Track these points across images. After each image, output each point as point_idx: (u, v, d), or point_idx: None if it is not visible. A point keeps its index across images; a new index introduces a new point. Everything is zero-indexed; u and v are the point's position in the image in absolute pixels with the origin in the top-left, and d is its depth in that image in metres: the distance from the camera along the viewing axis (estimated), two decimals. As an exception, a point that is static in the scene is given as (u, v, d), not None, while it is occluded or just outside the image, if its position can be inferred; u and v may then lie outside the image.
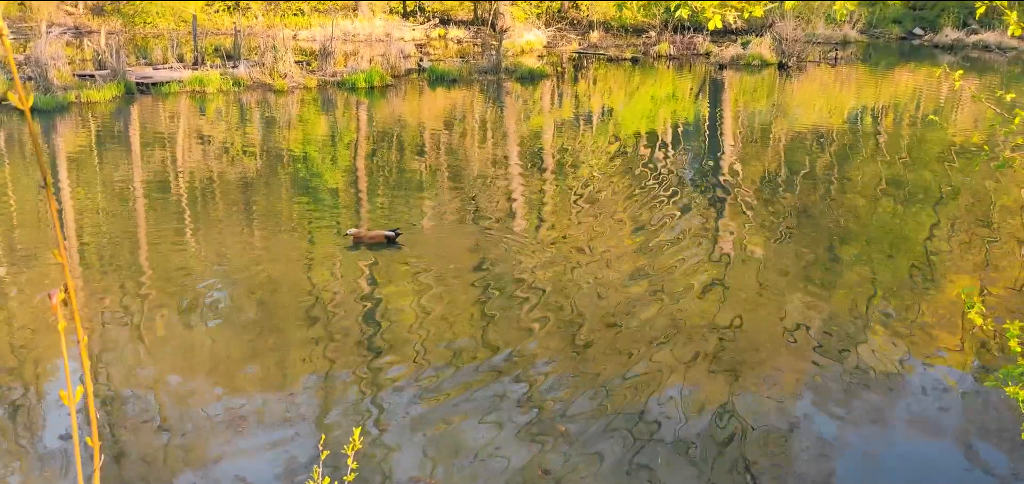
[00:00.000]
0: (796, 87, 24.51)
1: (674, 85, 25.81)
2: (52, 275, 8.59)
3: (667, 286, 8.51)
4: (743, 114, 20.04)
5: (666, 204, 11.70)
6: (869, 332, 7.52)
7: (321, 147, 15.73)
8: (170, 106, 19.25)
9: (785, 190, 12.58)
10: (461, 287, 8.45)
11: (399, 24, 36.37)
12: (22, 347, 6.98)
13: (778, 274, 8.89)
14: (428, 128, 17.71)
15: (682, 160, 15.03)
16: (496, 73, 24.66)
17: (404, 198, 11.92)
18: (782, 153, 15.36)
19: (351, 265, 9.01)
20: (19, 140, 15.53)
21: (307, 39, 31.72)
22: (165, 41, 26.35)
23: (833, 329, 7.57)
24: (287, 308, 7.87)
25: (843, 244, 10.02)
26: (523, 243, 9.89)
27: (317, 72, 22.97)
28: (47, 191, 1.27)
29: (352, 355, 6.94)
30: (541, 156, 15.25)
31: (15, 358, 6.78)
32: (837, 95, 23.23)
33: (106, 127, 17.07)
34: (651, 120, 19.62)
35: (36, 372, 6.63)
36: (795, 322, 7.68)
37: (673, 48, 31.64)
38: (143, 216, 10.89)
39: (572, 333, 7.42)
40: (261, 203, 11.60)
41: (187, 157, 14.45)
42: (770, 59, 28.25)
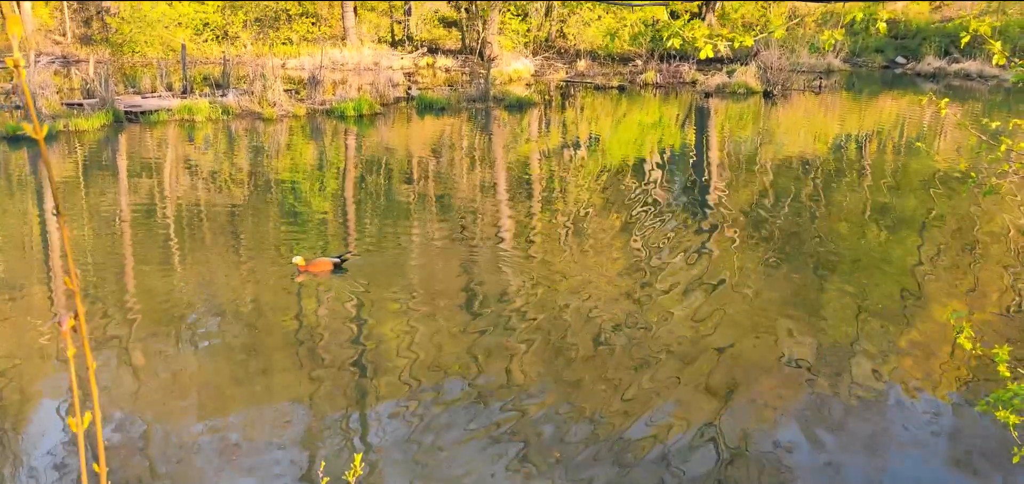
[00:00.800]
0: (781, 115, 24.74)
1: (661, 113, 26.00)
2: (38, 304, 8.56)
3: (656, 312, 8.55)
4: (729, 141, 20.21)
5: (654, 230, 11.77)
6: (858, 357, 7.57)
7: (309, 175, 15.75)
8: (158, 134, 19.24)
9: (772, 216, 12.68)
10: (450, 313, 8.47)
11: (388, 53, 36.57)
12: (5, 375, 6.94)
13: (766, 300, 8.95)
14: (417, 156, 17.77)
15: (669, 187, 15.14)
16: (484, 101, 24.79)
17: (392, 225, 11.94)
18: (768, 180, 15.49)
19: (339, 291, 9.01)
20: (6, 170, 15.49)
21: (296, 68, 31.83)
22: (154, 70, 26.38)
23: (822, 354, 7.62)
24: (274, 334, 7.85)
25: (830, 269, 10.10)
26: (512, 269, 9.92)
27: (306, 100, 23.03)
28: (60, 218, 1.30)
29: (340, 381, 6.93)
30: (529, 183, 15.32)
31: (13, 387, 6.74)
32: (821, 123, 23.46)
33: (94, 155, 17.04)
34: (638, 148, 19.76)
35: (21, 401, 6.58)
36: (784, 347, 7.73)
37: (659, 77, 31.91)
38: (130, 243, 10.86)
39: (562, 359, 7.44)
40: (248, 230, 11.60)
41: (175, 185, 14.44)
42: (755, 87, 28.53)
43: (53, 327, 7.86)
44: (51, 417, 6.35)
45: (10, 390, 6.72)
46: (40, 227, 11.91)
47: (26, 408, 6.49)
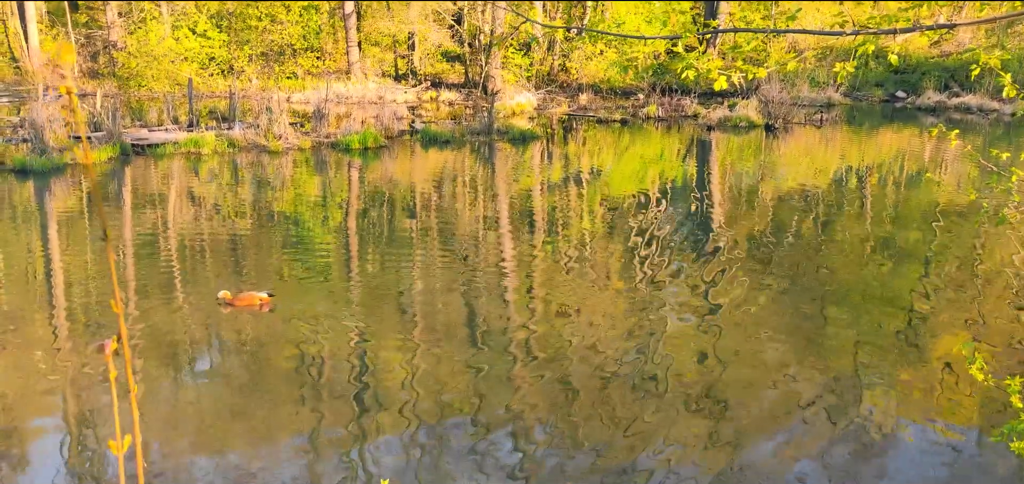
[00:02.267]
0: (782, 148, 24.88)
1: (662, 146, 26.16)
2: (38, 336, 8.58)
3: (658, 345, 8.59)
4: (731, 174, 20.32)
5: (656, 264, 11.83)
6: (865, 390, 7.59)
7: (313, 207, 15.85)
8: (164, 167, 19.39)
9: (774, 249, 12.73)
10: (452, 346, 8.50)
11: (392, 87, 36.85)
12: (4, 408, 6.97)
13: (769, 333, 8.98)
14: (420, 188, 17.88)
15: (671, 220, 15.21)
16: (488, 134, 24.96)
17: (394, 257, 12.01)
18: (770, 213, 15.57)
19: (340, 322, 9.06)
20: (10, 202, 15.60)
21: (301, 101, 32.07)
22: (160, 103, 26.61)
23: (828, 388, 7.64)
24: (276, 366, 7.88)
25: (834, 302, 10.14)
26: (514, 302, 9.97)
27: (311, 134, 23.20)
28: (107, 244, 1.37)
29: (342, 415, 6.95)
30: (532, 216, 15.40)
31: (11, 420, 6.77)
32: (823, 156, 23.59)
33: (100, 188, 17.16)
34: (640, 180, 19.87)
35: (20, 432, 6.61)
36: (788, 381, 7.75)
37: (661, 110, 32.12)
38: (132, 275, 10.92)
39: (563, 392, 7.46)
40: (251, 261, 11.66)
41: (179, 216, 14.53)
42: (757, 120, 28.72)
43: (89, 354, 7.91)
44: (52, 449, 6.36)
45: (9, 421, 6.75)
46: (44, 259, 11.98)
47: (25, 440, 6.51)
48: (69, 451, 6.33)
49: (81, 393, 7.25)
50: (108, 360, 1.40)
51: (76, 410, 6.99)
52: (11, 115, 25.05)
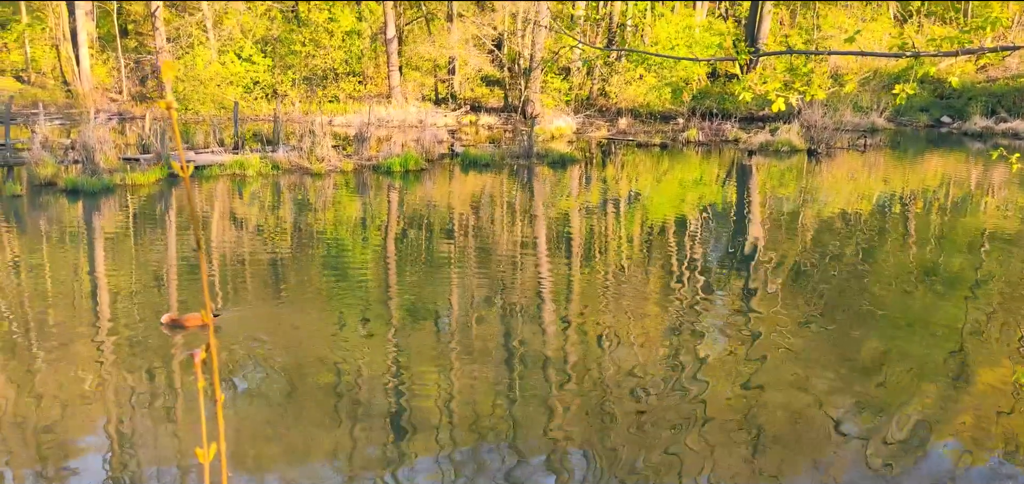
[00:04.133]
0: (825, 173, 24.64)
1: (702, 170, 26.05)
2: (84, 352, 8.76)
3: (696, 371, 8.53)
4: (772, 199, 20.17)
5: (695, 288, 11.77)
6: (912, 420, 7.45)
7: (353, 228, 16.04)
8: (209, 188, 19.79)
9: (815, 276, 12.60)
10: (488, 367, 8.52)
11: (432, 111, 37.22)
12: (50, 426, 7.14)
13: (811, 360, 8.88)
14: (459, 211, 18.01)
15: (710, 244, 15.13)
16: (527, 158, 25.09)
17: (432, 278, 12.09)
18: (812, 238, 15.41)
19: (378, 342, 9.14)
20: (58, 221, 16.02)
21: (343, 125, 32.55)
22: (207, 126, 27.19)
23: (873, 417, 7.51)
24: (312, 386, 7.96)
25: (878, 330, 9.99)
26: (551, 325, 9.98)
27: (353, 156, 23.53)
28: (200, 254, 1.45)
29: (378, 434, 6.99)
30: (569, 239, 15.42)
31: (51, 436, 6.93)
32: (866, 181, 23.30)
33: (147, 208, 17.56)
34: (679, 205, 19.80)
35: (66, 450, 6.76)
36: (831, 409, 7.64)
37: (701, 134, 32.01)
38: (175, 294, 11.14)
39: (600, 417, 7.44)
40: (291, 282, 11.83)
41: (222, 237, 14.80)
42: (799, 145, 28.48)
43: (182, 362, 8.09)
44: (96, 467, 6.50)
45: (55, 439, 6.91)
46: (90, 277, 12.27)
47: (71, 457, 6.66)
48: (112, 467, 6.46)
49: (126, 409, 7.40)
50: (197, 369, 1.48)
51: (121, 426, 7.14)
52: (63, 137, 25.76)
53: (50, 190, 18.55)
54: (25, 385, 7.86)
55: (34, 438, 6.81)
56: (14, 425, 7.03)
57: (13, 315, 9.92)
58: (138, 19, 46.98)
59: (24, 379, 8.01)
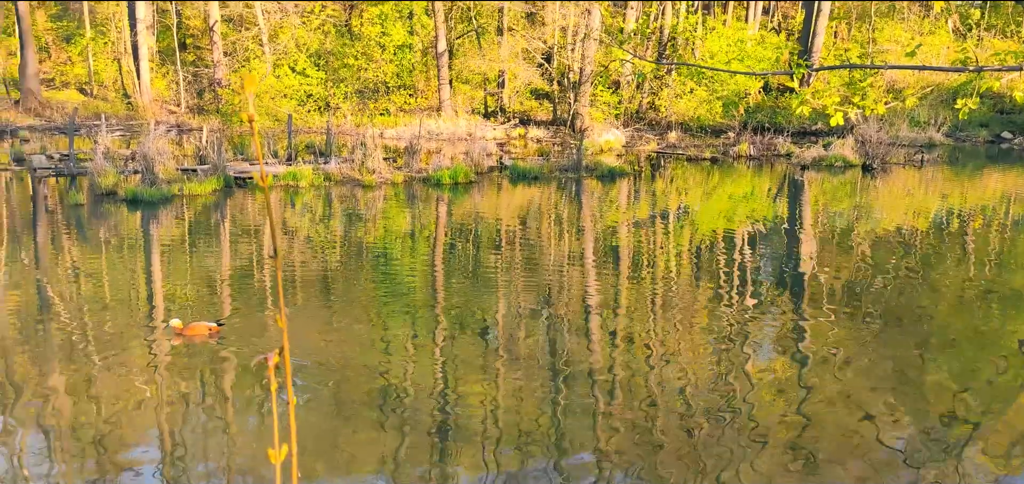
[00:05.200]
0: (880, 189, 24.17)
1: (753, 185, 25.75)
2: (139, 359, 8.95)
3: (746, 387, 8.43)
4: (824, 215, 19.85)
5: (745, 305, 11.63)
6: (968, 442, 7.26)
7: (402, 239, 16.20)
8: (263, 199, 20.14)
9: (869, 292, 12.35)
10: (534, 381, 8.51)
11: (481, 124, 37.43)
12: (113, 428, 7.32)
13: (864, 379, 8.71)
14: (507, 223, 18.07)
15: (761, 260, 14.94)
16: (576, 171, 25.08)
17: (480, 289, 12.14)
18: (865, 255, 15.12)
19: (424, 352, 9.21)
20: (118, 230, 16.47)
21: (393, 138, 32.90)
22: (261, 138, 27.73)
23: (928, 438, 7.33)
24: (359, 393, 8.04)
25: (933, 350, 9.76)
26: (598, 339, 9.95)
27: (403, 168, 23.78)
28: (276, 261, 1.50)
29: (423, 444, 7.02)
30: (617, 252, 15.36)
31: (108, 441, 7.12)
32: (923, 198, 22.80)
33: (204, 218, 17.95)
34: (729, 219, 19.60)
35: (122, 455, 6.93)
36: (885, 430, 7.47)
37: (753, 148, 31.64)
38: (228, 299, 11.36)
39: (648, 434, 7.37)
40: (340, 291, 11.98)
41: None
42: (853, 160, 27.99)
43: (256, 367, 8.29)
44: (150, 471, 6.65)
45: (111, 443, 7.08)
46: (146, 285, 12.58)
47: (126, 462, 6.82)
48: (166, 471, 6.60)
49: (175, 411, 7.57)
50: (271, 373, 1.53)
51: (176, 430, 7.30)
52: (123, 148, 26.49)
53: (111, 199, 19.08)
54: (82, 389, 8.09)
55: (91, 442, 7.01)
56: (72, 429, 7.24)
57: (73, 320, 10.22)
58: (197, 33, 48.17)
59: (81, 383, 8.24)
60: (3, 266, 13.35)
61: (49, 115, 38.69)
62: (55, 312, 10.60)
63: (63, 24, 50.23)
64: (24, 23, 40.68)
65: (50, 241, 15.43)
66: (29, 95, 40.80)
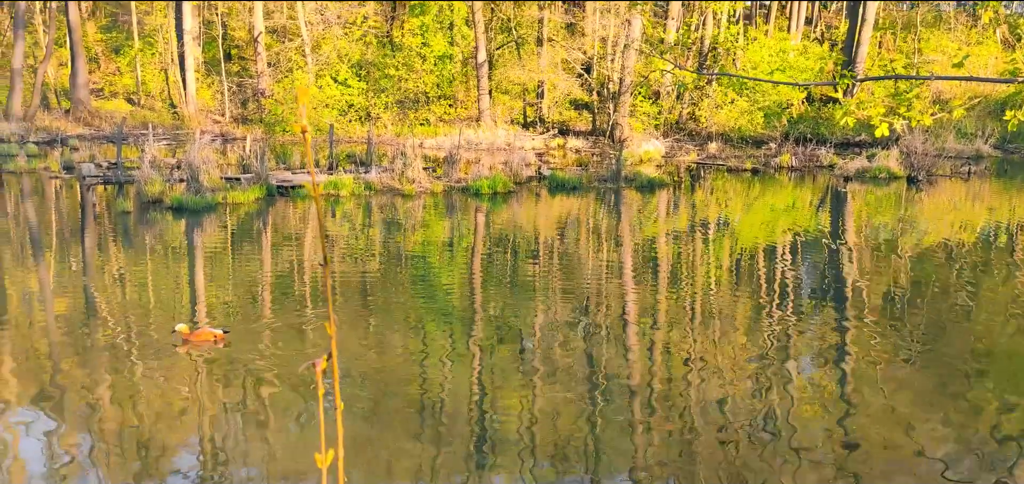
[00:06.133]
0: (926, 201, 23.73)
1: (795, 196, 25.44)
2: (181, 365, 9.09)
3: (786, 402, 8.31)
4: (868, 227, 19.54)
5: (786, 318, 11.48)
6: (1016, 463, 7.09)
7: (441, 248, 16.28)
8: (304, 207, 20.41)
9: (914, 307, 12.12)
10: (571, 391, 8.47)
11: (520, 134, 37.50)
12: (155, 431, 7.45)
13: (908, 396, 8.54)
14: (545, 233, 18.06)
15: (803, 273, 14.75)
16: (615, 181, 25.01)
17: (517, 299, 12.13)
18: (911, 268, 14.85)
19: (460, 361, 9.23)
20: (163, 237, 16.78)
21: (433, 147, 33.11)
22: (303, 148, 28.08)
23: (975, 458, 7.16)
24: (397, 401, 8.08)
25: (982, 366, 9.54)
26: (636, 350, 9.89)
27: (443, 178, 23.92)
28: (325, 269, 1.53)
29: (459, 453, 7.02)
30: (656, 264, 15.27)
31: (149, 445, 7.24)
32: (969, 210, 22.33)
33: (246, 226, 18.22)
34: (770, 231, 19.38)
35: (163, 456, 7.05)
36: (930, 448, 7.32)
37: (795, 160, 31.29)
38: (268, 305, 11.50)
39: (686, 448, 7.30)
40: (379, 299, 12.06)
41: (314, 255, 15.21)
42: (898, 172, 27.54)
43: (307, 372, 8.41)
44: (193, 476, 6.75)
45: (153, 448, 7.21)
46: (189, 292, 12.80)
47: (167, 468, 6.93)
48: (207, 476, 6.70)
49: (216, 416, 7.68)
50: (318, 377, 1.56)
51: (216, 436, 7.41)
52: (169, 157, 27.00)
53: (157, 207, 19.46)
54: (125, 394, 8.25)
55: (133, 445, 7.14)
56: (115, 433, 7.38)
57: (117, 325, 10.43)
58: (241, 44, 48.97)
59: (125, 388, 8.40)
60: (52, 271, 13.68)
61: (98, 124, 39.61)
62: (101, 317, 10.83)
63: (112, 35, 51.43)
64: (75, 35, 41.73)
65: (97, 247, 15.77)
66: (79, 105, 41.82)
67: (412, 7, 42.98)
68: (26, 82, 41.33)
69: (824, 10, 58.80)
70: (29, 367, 8.96)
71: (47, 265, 14.15)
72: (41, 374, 8.76)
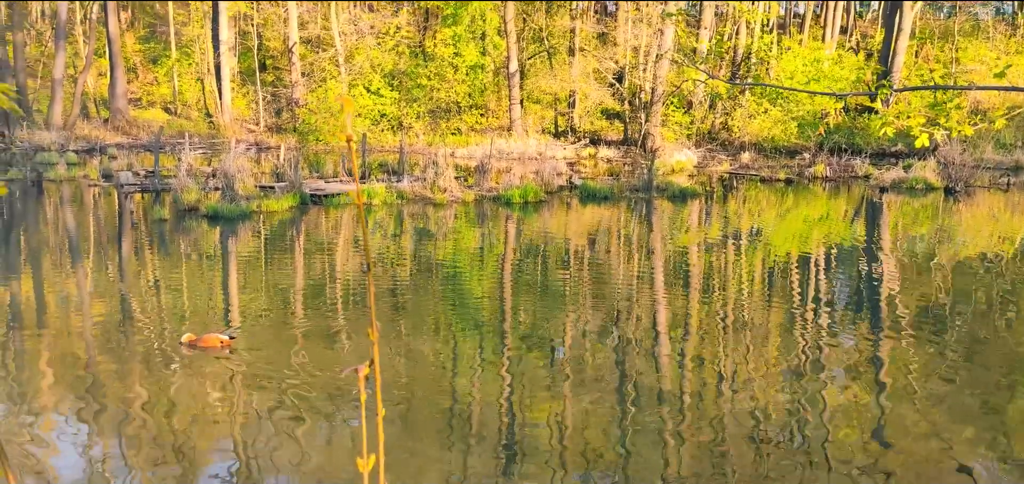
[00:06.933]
0: (964, 212, 23.34)
1: (829, 207, 25.15)
2: (213, 370, 9.19)
3: (820, 415, 8.20)
4: (904, 238, 19.25)
5: (820, 330, 11.34)
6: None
7: (473, 257, 16.31)
8: (337, 215, 20.59)
9: (952, 320, 11.91)
10: (601, 401, 8.43)
11: (551, 143, 37.50)
12: (182, 442, 7.53)
13: (945, 410, 8.39)
14: (576, 242, 18.03)
15: (837, 284, 14.56)
16: (647, 191, 24.92)
17: (548, 308, 12.12)
18: (948, 281, 14.60)
19: (492, 370, 9.23)
20: (198, 244, 17.00)
21: (464, 157, 33.21)
22: (336, 157, 28.33)
23: (1012, 475, 7.03)
24: (427, 409, 8.10)
25: (1019, 380, 9.36)
26: (667, 360, 9.81)
27: (474, 187, 23.99)
28: (369, 275, 1.55)
29: (489, 461, 7.01)
30: (688, 273, 15.16)
31: (182, 451, 7.32)
32: (1008, 222, 21.92)
33: (280, 233, 18.40)
34: (804, 242, 19.17)
35: (196, 462, 7.12)
36: (967, 464, 7.20)
37: (829, 170, 30.95)
38: (301, 314, 11.59)
39: (719, 460, 7.23)
40: (410, 307, 12.11)
41: (346, 263, 15.32)
42: (935, 183, 27.13)
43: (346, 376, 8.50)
44: (228, 480, 6.82)
45: (187, 451, 7.29)
46: (223, 298, 12.94)
47: (200, 475, 7.01)
48: (242, 478, 6.76)
49: (249, 421, 7.74)
50: (361, 384, 1.58)
51: (249, 442, 7.47)
52: (205, 165, 27.38)
53: (193, 215, 19.73)
54: (160, 398, 8.36)
55: (166, 451, 7.22)
56: (149, 440, 7.48)
57: (152, 331, 10.58)
58: (276, 55, 49.58)
59: (158, 394, 8.52)
60: (90, 277, 13.92)
61: (136, 133, 40.31)
62: (137, 322, 10.99)
63: (150, 46, 52.33)
64: (114, 46, 42.51)
65: (134, 254, 16.02)
66: (117, 114, 42.57)
67: (444, 18, 43.24)
68: (66, 92, 42.18)
69: (859, 19, 58.20)
70: (67, 371, 9.12)
71: (85, 271, 14.40)
72: (78, 378, 8.91)
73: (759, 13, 42.59)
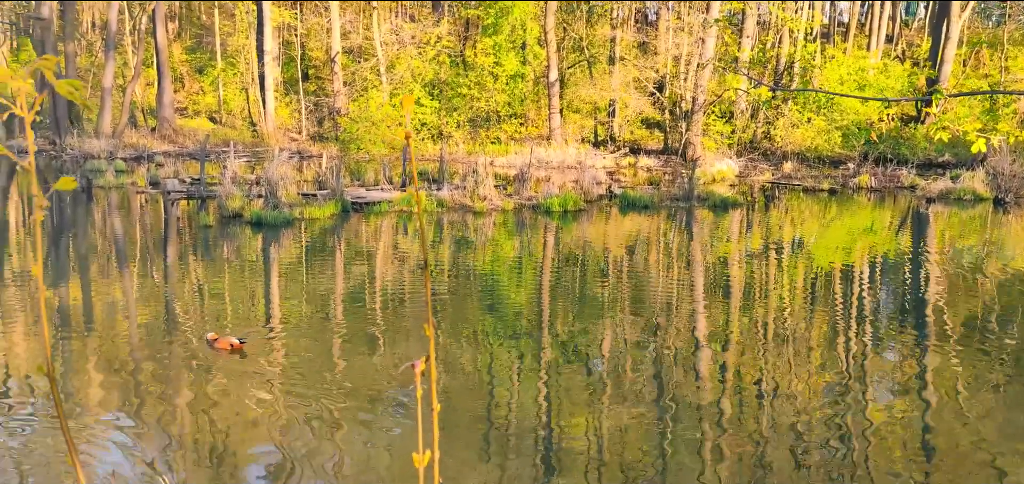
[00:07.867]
0: (1014, 224, 22.79)
1: (874, 218, 24.73)
2: (256, 373, 9.29)
3: (863, 430, 8.05)
4: (952, 250, 18.85)
5: (862, 342, 11.14)
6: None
7: (510, 265, 16.32)
8: (377, 223, 20.75)
9: (1000, 335, 11.62)
10: (639, 412, 8.36)
11: (591, 152, 37.44)
12: (222, 447, 7.63)
13: (993, 426, 8.18)
14: (615, 252, 17.95)
15: (882, 295, 14.31)
16: (687, 201, 24.75)
17: (586, 318, 12.08)
18: (996, 293, 14.26)
19: (529, 379, 9.22)
20: (241, 250, 17.25)
21: (504, 165, 33.29)
22: (377, 165, 28.59)
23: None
24: (463, 416, 8.12)
25: (1073, 396, 9.10)
26: (706, 372, 9.72)
27: (514, 196, 24.03)
28: (425, 272, 1.58)
29: (524, 471, 7.00)
30: (728, 284, 15.01)
31: (225, 455, 7.42)
32: (1064, 234, 21.36)
33: (322, 240, 18.61)
34: (847, 253, 18.87)
35: (240, 465, 7.21)
36: (1016, 481, 7.02)
37: (874, 180, 30.46)
38: (341, 319, 11.70)
39: (758, 474, 7.15)
40: (447, 314, 12.16)
41: (385, 269, 15.43)
42: (984, 194, 26.55)
43: (402, 372, 8.60)
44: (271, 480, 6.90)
45: (228, 457, 7.38)
46: (264, 305, 13.10)
47: (243, 471, 7.10)
48: (285, 478, 6.83)
49: (290, 425, 7.82)
50: (417, 379, 1.61)
51: (291, 446, 7.55)
52: (248, 173, 27.80)
53: (236, 222, 20.04)
54: (201, 404, 8.49)
55: (207, 453, 7.33)
56: (192, 444, 7.60)
57: (196, 336, 10.75)
58: (318, 64, 50.23)
59: (201, 397, 8.65)
60: (136, 282, 14.21)
61: (182, 141, 41.09)
62: (180, 326, 11.19)
63: (196, 56, 53.37)
64: (162, 56, 43.42)
65: (179, 259, 16.32)
66: (164, 123, 43.46)
67: (485, 27, 43.44)
68: (115, 101, 43.17)
69: (905, 28, 57.27)
70: (112, 374, 9.31)
71: (131, 276, 14.70)
72: (123, 380, 9.09)
73: (802, 22, 42.10)
